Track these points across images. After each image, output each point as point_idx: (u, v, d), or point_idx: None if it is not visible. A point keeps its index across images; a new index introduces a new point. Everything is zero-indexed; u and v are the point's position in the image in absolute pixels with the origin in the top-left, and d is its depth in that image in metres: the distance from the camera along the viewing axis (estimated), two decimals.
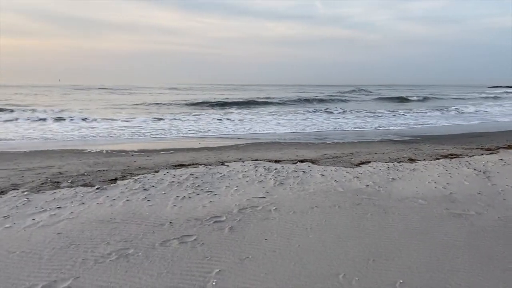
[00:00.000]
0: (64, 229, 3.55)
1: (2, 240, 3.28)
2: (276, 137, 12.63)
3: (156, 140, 11.70)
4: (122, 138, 11.92)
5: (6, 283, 2.57)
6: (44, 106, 22.07)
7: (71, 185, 5.18)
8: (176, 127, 14.75)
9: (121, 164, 6.83)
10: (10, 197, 4.54)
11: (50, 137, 11.71)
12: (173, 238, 3.38)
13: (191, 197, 4.66)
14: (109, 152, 8.80)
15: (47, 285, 2.55)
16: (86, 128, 13.83)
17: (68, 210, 4.11)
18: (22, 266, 2.82)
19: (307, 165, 6.64)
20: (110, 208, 4.19)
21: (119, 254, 3.03)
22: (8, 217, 3.84)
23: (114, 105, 26.23)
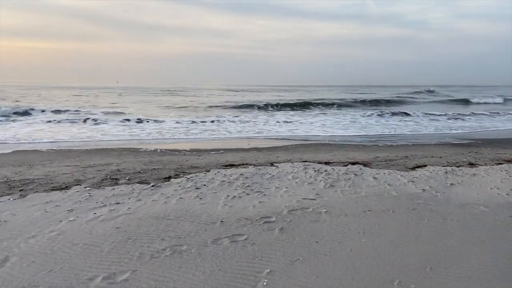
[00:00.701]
0: (123, 224, 3.73)
1: (66, 232, 3.50)
2: (326, 138, 12.46)
3: (206, 140, 11.97)
4: (174, 138, 12.31)
5: (70, 273, 2.74)
6: (102, 107, 23.29)
7: (128, 182, 5.43)
8: (225, 128, 15.00)
9: (174, 163, 7.06)
10: (73, 192, 4.83)
11: (108, 136, 12.34)
12: (224, 237, 3.43)
13: (241, 196, 4.71)
14: (162, 151, 9.12)
15: (107, 277, 2.69)
16: (140, 128, 14.42)
17: (126, 205, 4.31)
18: (84, 258, 2.99)
19: (358, 167, 6.49)
20: (165, 205, 4.34)
21: (173, 250, 3.13)
22: (72, 211, 4.09)
23: (168, 106, 27.16)
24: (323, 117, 19.62)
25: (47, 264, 2.86)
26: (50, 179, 5.53)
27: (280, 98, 36.34)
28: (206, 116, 18.78)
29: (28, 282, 2.59)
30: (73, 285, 2.58)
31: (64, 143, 10.75)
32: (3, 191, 4.82)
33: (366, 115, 20.64)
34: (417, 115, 20.85)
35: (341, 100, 31.80)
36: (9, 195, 4.67)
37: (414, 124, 17.31)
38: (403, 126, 16.48)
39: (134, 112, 20.17)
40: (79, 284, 2.60)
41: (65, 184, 5.22)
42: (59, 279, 2.64)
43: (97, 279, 2.66)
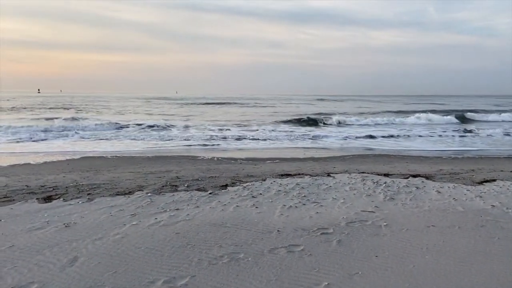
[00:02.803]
0: (182, 229, 3.83)
1: (130, 235, 3.66)
2: (377, 150, 12.04)
3: (261, 149, 12.04)
4: (230, 147, 12.52)
5: (133, 275, 2.85)
6: (160, 116, 24.28)
7: (187, 189, 5.58)
8: (281, 137, 15.01)
9: (231, 171, 7.16)
10: (136, 197, 5.06)
11: (167, 144, 12.82)
12: (281, 247, 3.41)
13: (298, 206, 4.67)
14: (219, 159, 9.30)
15: (167, 281, 2.77)
16: (197, 137, 14.82)
17: (185, 212, 4.43)
18: (146, 261, 3.10)
19: (420, 180, 6.19)
20: (222, 212, 4.41)
21: (230, 258, 3.16)
22: (135, 215, 4.28)
23: (223, 115, 27.76)
24: (372, 128, 19.00)
25: (112, 266, 3.00)
26: (114, 184, 5.84)
27: (346, 108, 35.78)
28: (263, 125, 18.93)
29: (95, 282, 2.73)
30: (135, 286, 2.68)
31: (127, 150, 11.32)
32: (73, 195, 5.16)
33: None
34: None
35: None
36: (78, 198, 4.98)
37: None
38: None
39: (188, 121, 20.80)
40: (142, 286, 2.69)
41: (129, 190, 5.48)
42: (123, 281, 2.76)
43: (158, 282, 2.74)
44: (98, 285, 2.68)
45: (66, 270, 2.90)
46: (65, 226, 3.87)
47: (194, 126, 18.27)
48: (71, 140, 13.51)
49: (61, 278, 2.79)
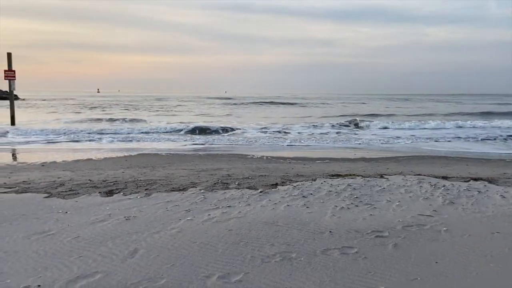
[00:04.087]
0: (234, 226, 3.89)
1: (185, 230, 3.77)
2: (440, 151, 11.50)
3: (311, 149, 11.95)
4: (279, 146, 12.53)
5: (190, 269, 2.94)
6: (221, 117, 24.79)
7: (238, 187, 5.66)
8: (329, 137, 14.80)
9: (280, 170, 7.17)
10: (190, 194, 5.21)
11: (215, 143, 13.07)
12: (333, 248, 3.36)
13: (350, 208, 4.58)
14: (269, 158, 9.34)
15: (222, 276, 2.82)
16: (246, 137, 14.97)
17: (236, 209, 4.49)
18: (201, 256, 3.18)
19: (482, 184, 5.84)
20: (273, 211, 4.43)
21: (283, 257, 3.17)
22: (189, 211, 4.40)
23: (271, 115, 27.84)
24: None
25: (169, 259, 3.11)
26: (169, 181, 6.04)
27: (403, 109, 34.69)
28: (313, 125, 18.77)
29: (154, 274, 2.85)
30: (192, 280, 2.77)
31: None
32: (131, 190, 5.40)
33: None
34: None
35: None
36: (136, 193, 5.21)
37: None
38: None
39: (237, 121, 21.06)
40: (198, 280, 2.77)
41: (183, 186, 5.65)
42: (180, 274, 2.85)
43: (213, 277, 2.81)
44: (157, 277, 2.79)
45: (127, 261, 3.05)
46: (126, 219, 4.06)
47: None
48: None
49: (123, 268, 2.93)
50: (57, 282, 2.69)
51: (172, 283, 2.72)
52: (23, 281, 2.71)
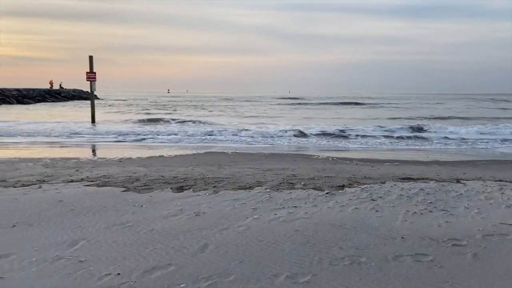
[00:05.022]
0: (301, 227, 3.87)
1: (252, 228, 3.82)
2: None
3: (378, 151, 11.54)
4: (345, 147, 12.26)
5: (257, 267, 2.98)
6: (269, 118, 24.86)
7: (304, 187, 5.62)
8: (402, 138, 14.19)
9: (347, 172, 7.01)
10: (256, 192, 5.27)
11: (280, 142, 13.10)
12: (406, 254, 3.21)
13: (423, 213, 4.35)
14: (334, 159, 9.17)
15: (290, 276, 2.82)
16: (306, 138, 14.81)
17: (302, 210, 4.47)
18: (269, 254, 3.21)
19: None
20: (340, 213, 4.34)
21: (352, 260, 3.09)
22: (256, 209, 4.46)
23: (339, 115, 27.29)
24: None
25: (238, 255, 3.17)
26: (236, 179, 6.17)
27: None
28: (382, 126, 18.12)
29: (223, 269, 2.92)
30: (260, 278, 2.80)
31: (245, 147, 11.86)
32: (200, 186, 5.59)
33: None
34: None
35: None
36: (205, 190, 5.39)
37: None
38: None
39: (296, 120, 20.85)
40: (266, 278, 2.79)
41: (249, 185, 5.73)
42: (248, 271, 2.90)
43: (281, 276, 2.82)
44: (226, 273, 2.86)
45: (198, 256, 3.16)
46: (196, 215, 4.22)
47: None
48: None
49: (194, 262, 3.04)
50: (135, 272, 2.86)
51: (241, 280, 2.77)
52: (104, 268, 2.92)
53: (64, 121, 19.49)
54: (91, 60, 18.31)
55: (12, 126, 16.47)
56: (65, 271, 2.87)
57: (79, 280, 2.74)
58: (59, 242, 3.40)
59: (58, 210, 4.33)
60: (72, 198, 4.80)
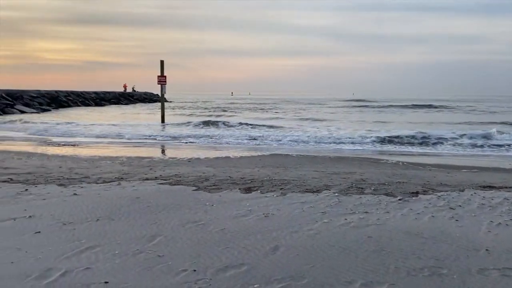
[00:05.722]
0: (374, 233, 3.74)
1: (322, 233, 3.76)
2: None
3: (454, 156, 10.85)
4: (417, 152, 11.68)
5: (330, 272, 2.92)
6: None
7: (374, 192, 5.43)
8: (480, 144, 13.20)
9: (420, 178, 6.67)
10: (324, 196, 5.19)
11: (345, 146, 12.78)
12: (492, 268, 2.98)
13: (509, 225, 4.01)
14: (405, 164, 8.77)
15: (365, 284, 2.73)
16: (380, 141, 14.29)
17: (374, 216, 4.32)
18: (341, 260, 3.14)
19: None
20: (415, 221, 4.13)
21: (431, 271, 2.92)
22: (325, 213, 4.39)
23: (411, 119, 26.11)
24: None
25: (309, 259, 3.14)
26: (303, 182, 6.12)
27: None
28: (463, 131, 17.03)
29: (295, 272, 2.91)
30: (333, 284, 2.74)
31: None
32: (268, 188, 5.62)
33: None
34: None
35: None
36: (272, 191, 5.41)
37: None
38: None
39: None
40: (339, 284, 2.73)
41: (316, 188, 5.66)
42: (321, 276, 2.85)
43: (356, 283, 2.74)
44: (298, 276, 2.84)
45: (269, 257, 3.17)
46: (264, 216, 4.24)
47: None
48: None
49: (266, 263, 3.06)
50: (209, 269, 2.94)
51: (314, 284, 2.73)
52: (181, 264, 3.04)
53: (136, 122, 20.68)
54: (162, 64, 19.25)
55: (89, 126, 17.79)
56: (145, 264, 3.02)
57: (158, 274, 2.87)
58: (138, 237, 3.60)
59: (136, 206, 4.59)
60: (148, 195, 5.07)
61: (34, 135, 15.04)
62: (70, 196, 5.03)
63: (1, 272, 2.84)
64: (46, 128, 16.98)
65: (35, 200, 4.83)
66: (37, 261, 3.06)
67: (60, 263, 3.01)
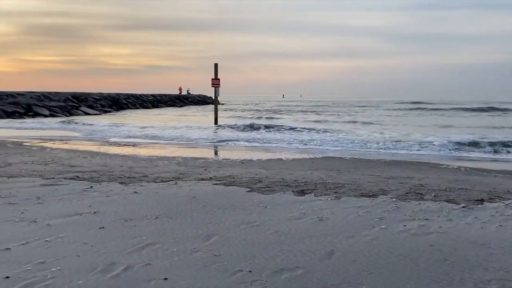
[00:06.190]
0: (436, 242, 3.56)
1: (380, 239, 3.64)
2: None
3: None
4: (481, 157, 10.99)
5: (389, 281, 2.81)
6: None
7: (435, 199, 5.18)
8: None
9: (484, 185, 6.26)
10: (380, 201, 5.03)
11: (403, 151, 12.28)
12: None
13: None
14: (467, 169, 8.28)
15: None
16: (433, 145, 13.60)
17: (435, 223, 4.11)
18: (401, 268, 3.01)
19: None
20: (481, 230, 3.88)
21: (500, 284, 2.73)
22: (382, 219, 4.24)
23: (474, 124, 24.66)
24: None
25: (367, 266, 3.04)
26: (357, 185, 5.97)
27: None
28: None
29: (352, 279, 2.83)
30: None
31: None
32: (321, 191, 5.55)
33: None
34: None
35: None
36: (326, 195, 5.33)
37: None
38: None
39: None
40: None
41: (372, 192, 5.50)
42: (380, 284, 2.76)
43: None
44: (356, 282, 2.77)
45: (325, 262, 3.12)
46: (319, 220, 4.19)
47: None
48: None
49: (321, 268, 3.01)
50: (265, 271, 2.95)
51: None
52: (236, 264, 3.07)
53: (190, 124, 21.25)
54: (216, 67, 19.67)
55: (147, 128, 18.55)
56: (202, 263, 3.09)
57: (214, 273, 2.92)
58: (195, 236, 3.69)
59: (192, 206, 4.71)
60: (203, 195, 5.19)
61: (96, 135, 15.95)
62: (131, 194, 5.28)
63: (69, 265, 3.03)
64: (107, 129, 18.00)
65: (99, 197, 5.11)
66: (101, 255, 3.23)
67: (122, 258, 3.16)
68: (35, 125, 20.36)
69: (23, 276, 2.80)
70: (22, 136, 15.03)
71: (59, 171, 7.00)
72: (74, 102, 32.12)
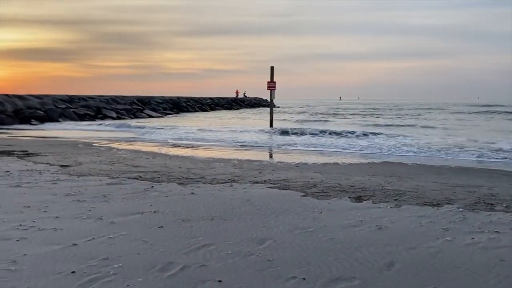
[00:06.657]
0: (508, 257, 3.27)
1: (445, 251, 3.41)
2: None
3: None
4: None
5: None
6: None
7: (506, 209, 4.78)
8: None
9: None
10: (446, 211, 4.72)
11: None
12: None
13: None
14: None
15: None
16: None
17: (507, 236, 3.78)
18: (468, 284, 2.80)
19: None
20: None
21: None
22: (447, 230, 3.98)
23: None
24: None
25: (430, 280, 2.86)
26: (420, 193, 5.67)
27: None
28: None
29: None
30: None
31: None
32: (380, 198, 5.33)
33: None
34: None
35: None
36: (385, 202, 5.11)
37: None
38: None
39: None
40: None
41: (436, 201, 5.19)
42: None
43: None
44: None
45: (384, 273, 2.98)
46: (378, 228, 4.02)
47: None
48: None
49: (380, 280, 2.87)
50: (320, 279, 2.87)
51: None
52: (290, 271, 3.02)
53: (246, 127, 21.50)
54: (272, 70, 19.73)
55: (204, 131, 19.04)
56: (256, 267, 3.08)
57: (268, 278, 2.89)
58: (249, 239, 3.70)
59: (247, 208, 4.73)
60: (258, 198, 5.20)
61: (157, 137, 16.64)
62: (189, 194, 5.42)
63: (130, 262, 3.15)
64: (167, 131, 18.75)
65: (159, 196, 5.31)
66: (160, 254, 3.33)
67: (179, 258, 3.23)
68: (102, 127, 21.73)
69: (88, 271, 2.96)
70: (92, 137, 16.10)
71: (124, 171, 7.38)
72: (139, 105, 33.85)
